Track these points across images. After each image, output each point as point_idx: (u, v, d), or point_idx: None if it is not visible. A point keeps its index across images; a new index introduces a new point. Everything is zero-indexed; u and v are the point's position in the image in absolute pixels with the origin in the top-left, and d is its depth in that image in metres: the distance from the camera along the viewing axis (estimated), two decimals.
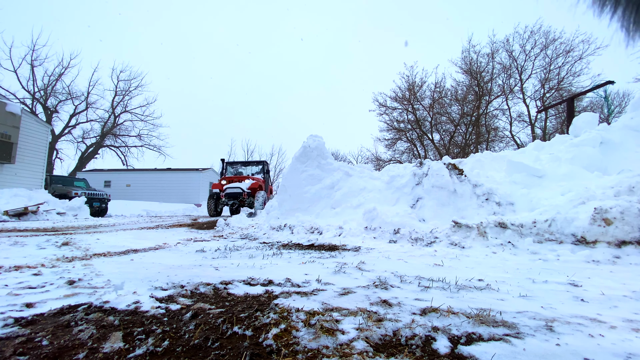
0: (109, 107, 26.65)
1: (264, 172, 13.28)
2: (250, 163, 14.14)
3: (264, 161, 13.84)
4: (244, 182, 11.18)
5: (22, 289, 1.55)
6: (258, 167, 14.02)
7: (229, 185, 10.97)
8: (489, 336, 1.05)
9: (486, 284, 1.79)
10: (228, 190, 10.77)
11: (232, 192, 10.78)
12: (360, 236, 3.99)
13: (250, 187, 11.00)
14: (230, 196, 10.82)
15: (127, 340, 1.00)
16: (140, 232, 4.78)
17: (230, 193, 10.79)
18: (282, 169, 37.19)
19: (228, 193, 10.76)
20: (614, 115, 18.85)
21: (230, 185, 10.98)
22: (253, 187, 11.11)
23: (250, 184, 11.12)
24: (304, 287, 1.68)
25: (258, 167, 14.02)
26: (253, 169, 14.05)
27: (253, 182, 11.32)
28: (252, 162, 14.06)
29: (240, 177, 11.91)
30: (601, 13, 0.77)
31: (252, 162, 14.06)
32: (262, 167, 13.71)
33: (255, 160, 14.22)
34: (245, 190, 10.72)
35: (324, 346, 0.97)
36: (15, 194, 8.74)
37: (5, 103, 10.99)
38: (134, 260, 2.46)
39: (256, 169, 14.02)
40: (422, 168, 5.12)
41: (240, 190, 10.70)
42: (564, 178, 4.39)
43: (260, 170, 13.73)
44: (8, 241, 3.32)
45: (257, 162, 13.99)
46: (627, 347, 0.98)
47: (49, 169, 20.56)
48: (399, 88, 23.20)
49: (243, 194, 10.65)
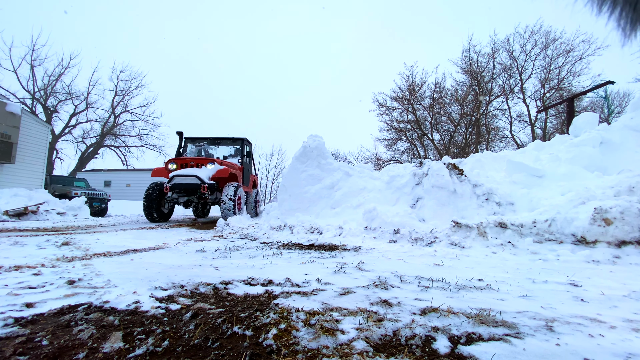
0: (109, 107, 26.65)
1: (242, 155, 9.14)
2: (223, 140, 9.48)
3: (243, 139, 9.38)
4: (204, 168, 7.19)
5: (22, 289, 1.55)
6: (234, 147, 9.67)
7: (179, 173, 6.89)
8: (489, 336, 1.05)
9: (486, 284, 1.79)
10: (176, 180, 6.75)
11: (183, 182, 6.74)
12: (360, 236, 3.99)
13: (215, 175, 7.05)
14: (179, 189, 6.84)
15: (127, 340, 1.00)
16: (140, 232, 4.78)
17: (179, 184, 6.75)
18: (282, 169, 37.19)
19: (176, 184, 6.74)
20: (614, 115, 18.84)
21: (181, 173, 6.88)
22: (219, 176, 7.11)
23: (215, 170, 7.13)
24: (304, 287, 1.68)
25: (234, 147, 9.67)
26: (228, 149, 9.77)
27: (221, 167, 7.28)
28: (226, 139, 9.47)
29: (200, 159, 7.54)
30: (600, 12, 0.77)
31: (226, 139, 9.47)
32: (240, 147, 9.40)
33: (230, 137, 9.40)
34: (205, 181, 6.78)
35: (324, 346, 0.97)
36: (15, 194, 8.74)
37: (5, 103, 10.99)
38: (134, 260, 2.45)
39: (231, 149, 9.73)
40: (422, 168, 5.12)
41: (197, 180, 6.73)
42: (564, 178, 4.39)
43: (236, 152, 9.53)
44: (8, 241, 3.32)
45: (232, 139, 9.41)
46: (627, 347, 0.98)
47: (49, 169, 20.57)
48: (399, 88, 23.20)
49: (202, 186, 6.70)
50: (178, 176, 6.82)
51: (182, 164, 7.38)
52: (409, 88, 22.73)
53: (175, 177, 6.81)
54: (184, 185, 6.79)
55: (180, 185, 6.79)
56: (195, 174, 6.82)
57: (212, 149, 9.58)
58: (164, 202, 7.43)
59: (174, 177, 6.82)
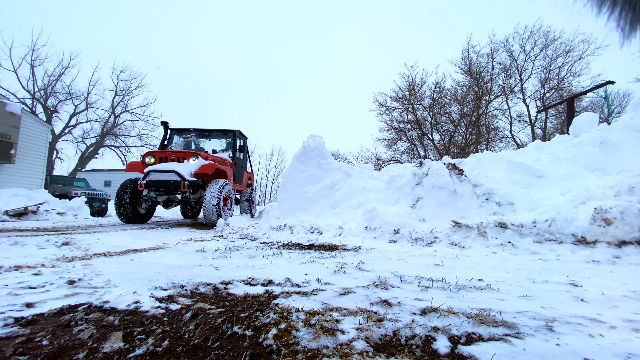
0: (109, 107, 26.69)
1: (233, 149, 8.02)
2: (213, 132, 8.31)
3: (235, 130, 8.22)
4: (186, 163, 6.19)
5: (22, 289, 1.55)
6: (225, 140, 8.54)
7: (155, 168, 5.92)
8: (489, 336, 1.05)
9: (486, 284, 1.79)
10: (152, 176, 5.83)
11: (160, 179, 5.84)
12: (360, 236, 3.99)
13: (198, 171, 6.08)
14: (155, 186, 5.90)
15: (127, 340, 1.00)
16: (140, 232, 4.78)
17: (155, 181, 5.83)
18: (282, 169, 37.17)
19: (152, 181, 5.82)
20: (614, 115, 18.86)
21: (158, 168, 5.92)
22: (203, 173, 6.22)
23: (198, 165, 6.10)
24: (304, 287, 1.68)
25: (225, 140, 8.54)
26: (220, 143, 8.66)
27: (205, 162, 6.26)
28: (217, 131, 8.30)
29: (182, 152, 6.52)
30: (599, 13, 0.77)
31: (217, 131, 8.30)
32: (232, 140, 8.23)
33: (220, 129, 8.28)
34: (186, 178, 5.82)
35: (324, 346, 0.97)
36: (15, 194, 8.74)
37: (5, 103, 10.99)
38: (134, 260, 2.45)
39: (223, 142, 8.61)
40: (422, 168, 5.12)
41: (176, 176, 5.80)
42: (564, 178, 4.40)
43: (228, 146, 8.39)
44: (8, 241, 3.32)
45: (223, 131, 8.25)
46: (627, 347, 0.98)
47: (49, 169, 20.57)
48: (399, 88, 23.24)
49: (182, 183, 5.76)
50: (154, 171, 5.85)
51: (162, 158, 6.38)
52: (409, 88, 22.76)
53: (151, 173, 5.85)
54: (160, 183, 5.83)
55: (157, 182, 5.83)
56: (174, 169, 5.82)
57: (202, 143, 8.50)
58: (140, 202, 6.58)
59: (150, 172, 5.86)
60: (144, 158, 6.38)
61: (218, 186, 6.08)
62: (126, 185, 6.38)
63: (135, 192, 6.39)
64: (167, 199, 6.40)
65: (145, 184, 5.84)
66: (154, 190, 6.13)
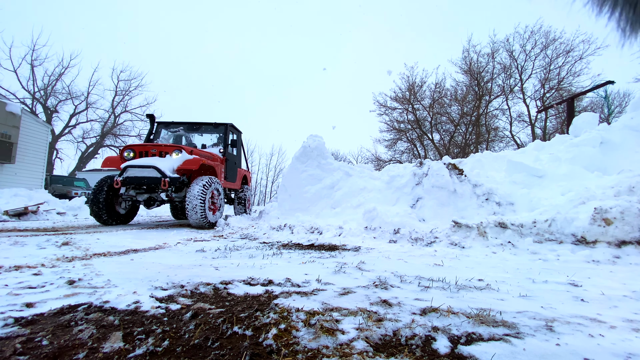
0: (109, 107, 26.70)
1: (225, 144, 7.27)
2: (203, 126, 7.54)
3: (227, 124, 7.46)
4: (168, 157, 5.54)
5: (22, 289, 1.55)
6: (217, 135, 7.79)
7: (133, 163, 5.35)
8: (489, 336, 1.05)
9: (486, 284, 1.79)
10: (129, 173, 5.26)
11: (137, 175, 5.24)
12: (360, 236, 3.99)
13: (181, 167, 5.41)
14: (132, 184, 5.28)
15: (127, 340, 1.00)
16: (140, 232, 4.78)
17: (132, 178, 5.23)
18: (282, 169, 37.17)
19: (129, 178, 5.23)
20: (614, 115, 18.86)
21: (136, 163, 5.35)
22: (187, 168, 5.51)
23: (181, 161, 5.45)
24: (304, 287, 1.68)
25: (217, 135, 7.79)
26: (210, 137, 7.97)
27: (191, 157, 5.58)
28: (207, 125, 7.50)
29: (164, 146, 5.75)
30: (600, 13, 0.77)
31: (207, 125, 7.50)
32: (224, 134, 7.46)
33: (211, 123, 7.49)
34: (167, 174, 5.22)
35: (324, 346, 0.97)
36: (15, 194, 8.74)
37: (5, 103, 10.99)
38: (134, 260, 2.45)
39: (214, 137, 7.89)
40: (422, 168, 5.12)
41: (156, 172, 5.22)
42: (564, 178, 4.40)
43: (219, 141, 7.63)
44: (8, 241, 3.32)
45: (214, 124, 7.43)
46: (627, 347, 0.98)
47: (49, 169, 20.58)
48: (399, 88, 23.26)
49: (162, 181, 5.13)
50: (132, 167, 5.27)
51: (142, 152, 5.69)
52: (409, 88, 22.78)
53: (128, 169, 5.27)
54: (138, 180, 5.20)
55: (134, 179, 5.21)
56: (153, 165, 5.23)
57: (193, 137, 7.81)
58: (120, 201, 5.90)
59: (127, 168, 5.28)
60: (122, 152, 5.75)
61: (202, 184, 5.41)
62: (103, 182, 5.70)
63: (114, 190, 5.72)
64: (148, 197, 5.77)
65: (121, 181, 5.23)
66: (133, 188, 5.57)
